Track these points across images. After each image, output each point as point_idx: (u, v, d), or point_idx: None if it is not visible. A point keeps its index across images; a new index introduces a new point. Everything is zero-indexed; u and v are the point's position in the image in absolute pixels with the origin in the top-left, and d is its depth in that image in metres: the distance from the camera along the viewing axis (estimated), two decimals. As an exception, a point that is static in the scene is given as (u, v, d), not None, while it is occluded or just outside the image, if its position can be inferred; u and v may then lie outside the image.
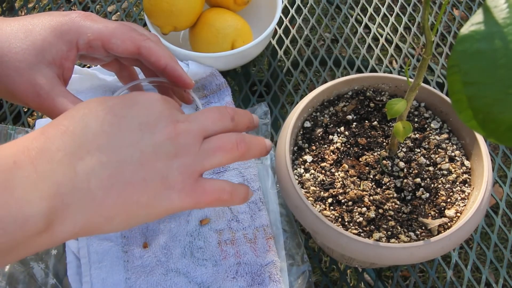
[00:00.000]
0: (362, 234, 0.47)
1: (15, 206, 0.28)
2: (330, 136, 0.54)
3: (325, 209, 0.49)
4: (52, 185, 0.30)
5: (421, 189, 0.50)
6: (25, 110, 0.70)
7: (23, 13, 1.02)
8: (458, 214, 0.48)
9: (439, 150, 0.52)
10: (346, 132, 0.54)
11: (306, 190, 0.50)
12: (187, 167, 0.35)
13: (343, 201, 0.49)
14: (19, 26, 0.42)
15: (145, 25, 0.71)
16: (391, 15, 0.82)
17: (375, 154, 0.52)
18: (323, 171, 0.51)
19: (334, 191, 0.49)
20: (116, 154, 0.33)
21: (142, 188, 0.33)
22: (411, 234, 0.47)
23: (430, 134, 0.54)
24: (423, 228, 0.47)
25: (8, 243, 0.28)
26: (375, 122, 0.55)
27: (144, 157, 0.33)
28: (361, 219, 0.48)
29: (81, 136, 0.32)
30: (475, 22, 0.25)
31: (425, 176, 0.50)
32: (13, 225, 0.28)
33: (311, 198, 0.49)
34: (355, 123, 0.55)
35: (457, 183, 0.50)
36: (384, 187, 0.50)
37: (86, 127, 0.32)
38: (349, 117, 0.55)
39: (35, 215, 0.29)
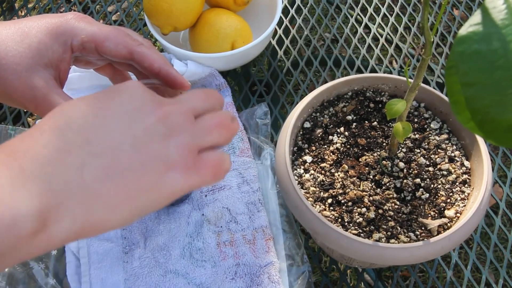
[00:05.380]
0: (362, 234, 0.47)
1: (1, 208, 0.27)
2: (330, 137, 0.54)
3: (325, 209, 0.49)
4: (42, 182, 0.28)
5: (421, 189, 0.50)
6: (25, 110, 0.70)
7: (23, 13, 1.02)
8: (458, 215, 0.48)
9: (439, 150, 0.52)
10: (346, 133, 0.54)
11: (306, 190, 0.50)
12: (185, 145, 0.34)
13: (343, 201, 0.49)
14: (15, 29, 0.42)
15: (145, 25, 0.71)
16: (391, 15, 0.82)
17: (375, 154, 0.52)
18: (323, 172, 0.51)
19: (334, 192, 0.49)
20: (107, 143, 0.31)
21: (141, 173, 0.32)
22: (411, 234, 0.47)
23: (430, 135, 0.54)
24: (423, 228, 0.47)
25: None
26: (375, 123, 0.55)
27: (137, 142, 0.32)
28: (361, 219, 0.48)
29: (65, 131, 0.31)
30: (473, 23, 0.25)
31: (425, 176, 0.50)
32: (0, 228, 0.26)
33: (311, 199, 0.49)
34: (355, 124, 0.55)
35: (457, 183, 0.50)
36: (384, 187, 0.50)
37: (69, 122, 0.31)
38: (349, 117, 0.55)
39: (26, 215, 0.27)
